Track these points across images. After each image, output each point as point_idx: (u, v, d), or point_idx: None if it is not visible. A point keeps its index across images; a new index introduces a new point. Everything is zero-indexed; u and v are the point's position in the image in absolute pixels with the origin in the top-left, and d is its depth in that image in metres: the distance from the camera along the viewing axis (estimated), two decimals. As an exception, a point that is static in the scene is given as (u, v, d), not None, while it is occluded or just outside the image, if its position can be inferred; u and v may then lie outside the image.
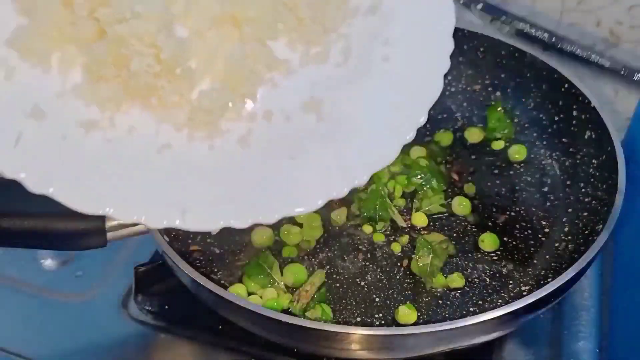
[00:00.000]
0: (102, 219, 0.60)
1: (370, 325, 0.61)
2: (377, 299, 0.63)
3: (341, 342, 0.54)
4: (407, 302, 0.62)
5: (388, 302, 0.63)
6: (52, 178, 0.50)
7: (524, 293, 0.62)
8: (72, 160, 0.52)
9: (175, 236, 0.67)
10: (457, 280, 0.63)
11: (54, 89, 0.53)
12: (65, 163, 0.51)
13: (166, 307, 0.68)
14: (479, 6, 0.88)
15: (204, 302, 0.59)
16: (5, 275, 0.72)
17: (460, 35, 0.74)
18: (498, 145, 0.78)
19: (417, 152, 0.76)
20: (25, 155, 0.50)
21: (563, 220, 0.69)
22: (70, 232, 0.59)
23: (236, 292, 0.61)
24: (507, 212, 0.71)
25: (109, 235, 0.60)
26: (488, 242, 0.67)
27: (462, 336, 0.55)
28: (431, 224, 0.70)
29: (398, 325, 0.61)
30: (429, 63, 0.55)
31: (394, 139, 0.53)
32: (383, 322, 0.61)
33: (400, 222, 0.69)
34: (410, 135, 0.53)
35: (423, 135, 0.77)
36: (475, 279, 0.64)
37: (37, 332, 0.67)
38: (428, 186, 0.71)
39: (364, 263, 0.66)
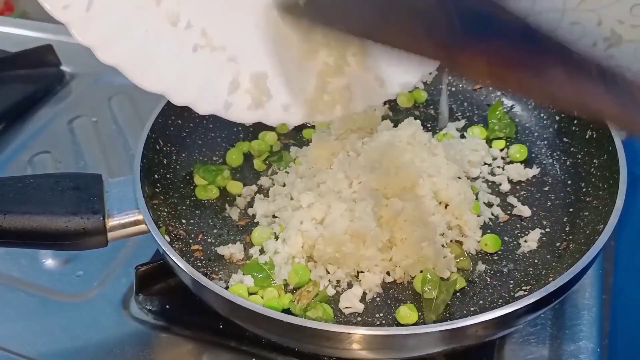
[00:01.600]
0: (102, 219, 0.60)
1: (371, 325, 0.61)
2: (377, 299, 0.63)
3: (342, 342, 0.54)
4: (408, 302, 0.62)
5: (389, 302, 0.63)
6: (120, 50, 0.50)
7: (525, 293, 0.61)
8: (140, 33, 0.51)
9: (175, 236, 0.67)
10: (457, 280, 0.63)
11: None
12: (134, 35, 0.51)
13: (167, 306, 0.68)
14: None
15: (204, 301, 0.59)
16: (6, 275, 0.72)
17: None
18: (499, 144, 0.78)
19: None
20: (96, 22, 0.49)
21: (564, 220, 0.69)
22: (71, 232, 0.59)
23: (236, 292, 0.61)
24: (509, 212, 0.71)
25: (110, 235, 0.61)
26: (490, 243, 0.67)
27: (462, 336, 0.54)
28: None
29: (399, 325, 0.61)
30: None
31: None
32: (384, 322, 0.61)
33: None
34: None
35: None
36: (476, 279, 0.64)
37: (38, 331, 0.67)
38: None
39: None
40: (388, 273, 0.65)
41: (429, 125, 0.80)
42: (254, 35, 0.56)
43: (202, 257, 0.67)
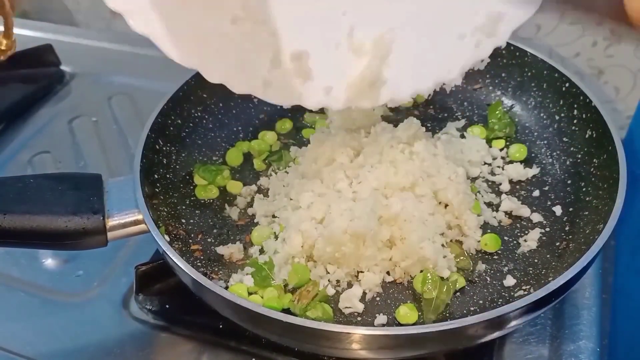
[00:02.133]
0: (102, 219, 0.60)
1: (371, 325, 0.61)
2: (377, 299, 0.63)
3: (342, 342, 0.54)
4: (408, 302, 0.62)
5: (389, 301, 0.63)
6: (155, 19, 0.48)
7: (525, 293, 0.61)
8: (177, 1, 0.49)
9: (175, 236, 0.67)
10: (457, 280, 0.63)
11: None
12: (169, 4, 0.49)
13: (167, 306, 0.68)
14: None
15: (204, 301, 0.59)
16: (6, 274, 0.73)
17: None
18: (499, 144, 0.78)
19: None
20: None
21: (564, 220, 0.69)
22: (71, 232, 0.59)
23: (236, 292, 0.61)
24: (509, 212, 0.71)
25: (110, 235, 0.61)
26: (490, 243, 0.67)
27: (462, 336, 0.55)
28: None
29: (398, 325, 0.61)
30: None
31: None
32: (384, 322, 0.61)
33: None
34: None
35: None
36: (476, 279, 0.64)
37: (38, 331, 0.67)
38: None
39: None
40: (388, 273, 0.65)
41: (429, 125, 0.80)
42: (297, 11, 0.53)
43: (202, 257, 0.67)
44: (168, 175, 0.73)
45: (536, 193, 0.72)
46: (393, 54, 0.56)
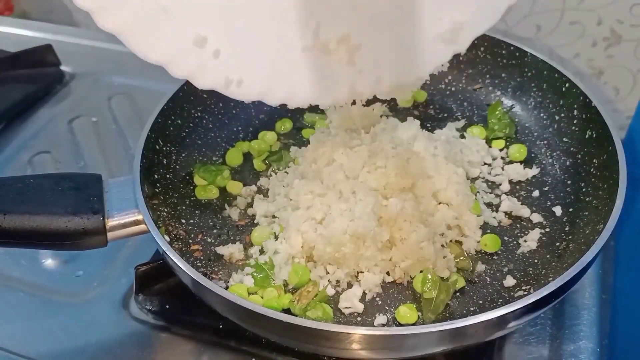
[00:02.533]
0: (102, 219, 0.60)
1: (371, 325, 0.61)
2: (377, 299, 0.63)
3: (342, 342, 0.54)
4: (408, 302, 0.62)
5: (389, 302, 0.63)
6: (122, 16, 0.48)
7: (525, 293, 0.61)
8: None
9: (175, 236, 0.67)
10: (457, 280, 0.63)
11: None
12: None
13: (167, 306, 0.68)
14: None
15: (204, 301, 0.59)
16: (6, 275, 0.73)
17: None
18: (499, 144, 0.78)
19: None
20: None
21: (564, 220, 0.69)
22: (71, 232, 0.59)
23: (236, 292, 0.61)
24: (508, 212, 0.71)
25: (109, 235, 0.61)
26: (490, 243, 0.67)
27: (462, 336, 0.55)
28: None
29: (398, 325, 0.61)
30: None
31: None
32: (383, 322, 0.61)
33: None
34: None
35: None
36: (476, 279, 0.64)
37: (38, 331, 0.67)
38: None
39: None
40: (388, 273, 0.65)
41: (428, 125, 0.80)
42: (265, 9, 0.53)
43: (202, 257, 0.67)
44: (168, 176, 0.73)
45: (536, 193, 0.72)
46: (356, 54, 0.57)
